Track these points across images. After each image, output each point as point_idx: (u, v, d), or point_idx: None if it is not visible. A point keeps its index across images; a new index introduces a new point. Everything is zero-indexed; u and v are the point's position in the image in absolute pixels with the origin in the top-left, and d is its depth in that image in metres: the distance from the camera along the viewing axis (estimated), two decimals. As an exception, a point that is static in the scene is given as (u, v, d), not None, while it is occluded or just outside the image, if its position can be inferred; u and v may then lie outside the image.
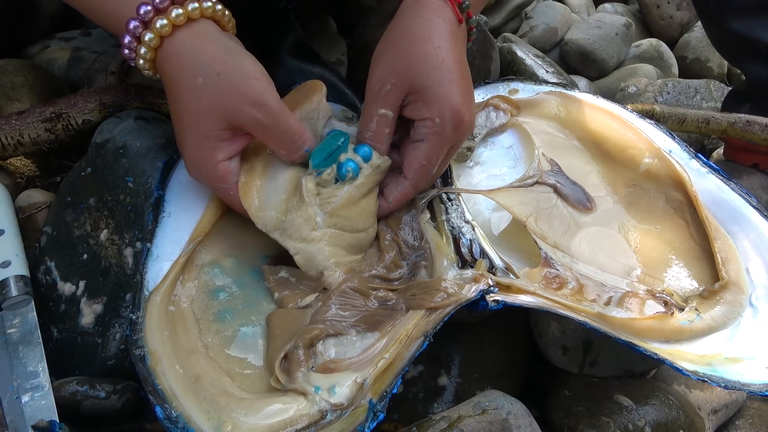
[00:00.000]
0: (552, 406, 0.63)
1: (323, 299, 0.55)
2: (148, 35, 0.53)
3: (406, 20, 0.58)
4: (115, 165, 0.64)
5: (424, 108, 0.56)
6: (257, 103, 0.52)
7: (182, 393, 0.49)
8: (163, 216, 0.59)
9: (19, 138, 0.67)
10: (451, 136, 0.56)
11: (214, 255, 0.59)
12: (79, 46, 0.93)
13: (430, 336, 0.52)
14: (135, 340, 0.52)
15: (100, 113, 0.69)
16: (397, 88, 0.56)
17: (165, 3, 0.52)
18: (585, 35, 1.31)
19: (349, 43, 1.07)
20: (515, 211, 0.61)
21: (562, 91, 0.72)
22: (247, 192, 0.55)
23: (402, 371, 0.50)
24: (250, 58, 0.54)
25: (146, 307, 0.53)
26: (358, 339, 0.53)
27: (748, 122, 0.85)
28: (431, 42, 0.56)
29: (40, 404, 0.53)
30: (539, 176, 0.64)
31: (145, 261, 0.56)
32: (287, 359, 0.51)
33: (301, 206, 0.55)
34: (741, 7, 0.92)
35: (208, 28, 0.54)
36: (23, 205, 0.69)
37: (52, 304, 0.62)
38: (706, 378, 0.52)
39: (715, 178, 0.66)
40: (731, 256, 0.60)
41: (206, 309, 0.56)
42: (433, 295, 0.54)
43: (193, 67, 0.53)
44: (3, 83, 0.77)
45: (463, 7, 0.59)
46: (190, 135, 0.55)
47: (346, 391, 0.49)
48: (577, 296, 0.56)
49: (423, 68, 0.55)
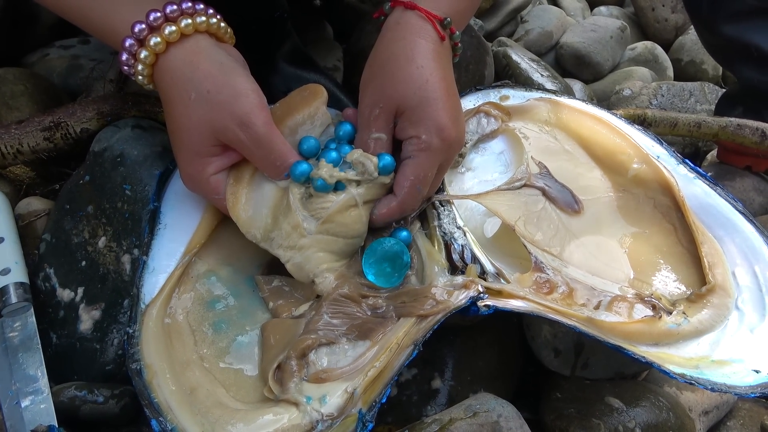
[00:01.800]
0: (544, 408, 0.64)
1: (316, 308, 0.56)
2: (143, 52, 0.54)
3: (389, 44, 0.59)
4: (113, 173, 0.65)
5: (410, 127, 0.57)
6: (243, 123, 0.53)
7: (177, 406, 0.50)
8: (158, 228, 0.59)
9: (19, 147, 0.69)
10: (438, 152, 0.57)
11: (209, 265, 0.59)
12: (77, 54, 0.94)
13: (420, 344, 0.52)
14: (131, 353, 0.53)
15: (98, 122, 0.70)
16: (385, 111, 0.57)
17: (159, 20, 0.53)
18: (580, 39, 1.32)
19: (345, 48, 1.08)
20: (504, 215, 0.62)
21: (552, 97, 0.73)
22: (235, 204, 0.56)
23: (391, 380, 0.51)
24: (242, 75, 0.55)
25: (142, 321, 0.54)
26: (349, 348, 0.53)
27: (739, 126, 0.86)
28: (414, 62, 0.57)
29: (39, 409, 0.55)
30: (527, 179, 0.65)
31: (141, 274, 0.57)
32: (280, 369, 0.52)
33: (288, 214, 0.56)
34: (733, 11, 0.93)
35: (203, 43, 0.55)
36: (23, 213, 0.70)
37: (51, 311, 0.64)
38: (693, 381, 0.52)
39: (702, 183, 0.66)
40: (718, 261, 0.61)
41: (202, 320, 0.57)
42: (423, 303, 0.54)
43: (186, 84, 0.53)
44: (3, 92, 0.79)
45: (444, 24, 0.59)
46: (182, 149, 0.56)
47: (337, 401, 0.50)
48: (567, 300, 0.57)
49: (408, 89, 0.56)
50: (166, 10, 0.53)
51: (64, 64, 0.92)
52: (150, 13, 0.53)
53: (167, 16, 0.53)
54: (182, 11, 0.54)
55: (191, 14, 0.54)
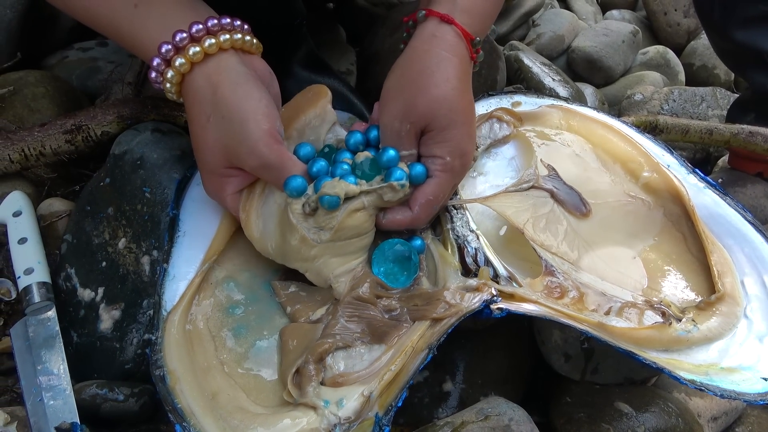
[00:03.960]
0: (554, 412, 0.65)
1: (333, 312, 0.57)
2: (169, 72, 0.55)
3: (423, 56, 0.59)
4: (133, 176, 0.66)
5: (435, 146, 0.58)
6: (252, 151, 0.54)
7: (200, 411, 0.51)
8: (178, 236, 0.61)
9: (41, 149, 0.70)
10: (458, 174, 0.59)
11: (228, 271, 0.61)
12: (95, 56, 0.96)
13: (434, 348, 0.53)
14: (155, 360, 0.54)
15: (118, 125, 0.71)
16: (415, 127, 0.58)
17: (185, 41, 0.54)
18: (592, 42, 1.32)
19: (359, 52, 1.09)
20: (512, 217, 0.62)
21: (564, 104, 0.74)
22: (248, 222, 0.58)
23: (407, 384, 0.52)
24: (254, 96, 0.55)
25: (164, 328, 0.55)
26: (365, 351, 0.55)
27: (751, 133, 0.86)
28: (450, 83, 0.57)
29: (61, 406, 0.56)
30: (536, 180, 0.65)
31: (162, 282, 0.58)
32: (299, 373, 0.53)
33: (292, 229, 0.56)
34: (745, 17, 0.93)
35: (225, 63, 0.55)
36: (44, 214, 0.72)
37: (72, 310, 0.65)
38: (703, 387, 0.53)
39: (712, 192, 0.67)
40: (727, 269, 0.61)
41: (221, 325, 0.58)
42: (436, 306, 0.55)
43: (205, 105, 0.55)
44: (24, 94, 0.80)
45: (474, 43, 0.60)
46: (202, 168, 0.58)
47: (354, 405, 0.51)
48: (578, 305, 0.58)
49: (441, 109, 0.57)
50: (192, 29, 0.54)
51: (82, 66, 0.94)
52: (176, 34, 0.54)
53: (192, 36, 0.54)
54: (207, 30, 0.55)
55: (216, 32, 0.55)
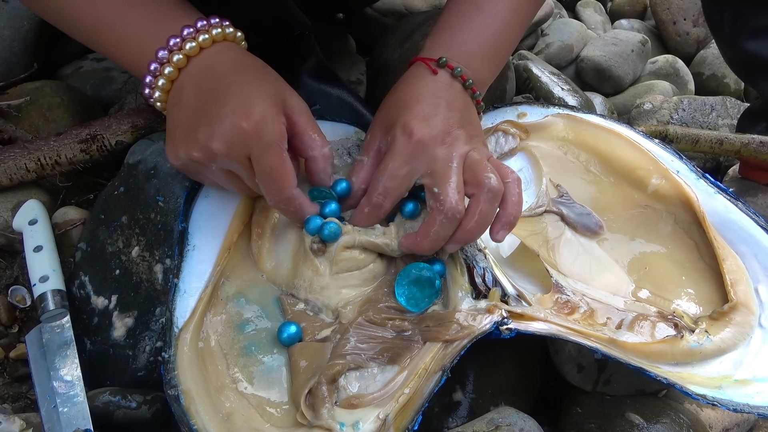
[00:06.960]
0: (564, 422, 0.65)
1: (341, 331, 0.56)
2: (168, 69, 0.57)
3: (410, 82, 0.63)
4: (147, 185, 0.67)
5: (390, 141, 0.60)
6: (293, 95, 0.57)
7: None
8: (187, 249, 0.60)
9: (57, 158, 0.71)
10: (405, 147, 0.57)
11: (238, 286, 0.60)
12: (109, 67, 0.97)
13: (448, 370, 0.53)
14: (168, 379, 0.53)
15: (132, 135, 0.72)
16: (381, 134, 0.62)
17: (157, 71, 0.57)
18: (601, 52, 1.32)
19: (368, 62, 1.10)
20: (526, 241, 0.63)
21: (570, 113, 0.73)
22: (260, 257, 0.59)
23: (422, 407, 0.51)
24: (226, 105, 0.55)
25: (177, 345, 0.54)
26: (378, 372, 0.54)
27: (762, 143, 0.86)
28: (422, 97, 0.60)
29: (75, 413, 0.56)
30: (547, 205, 0.66)
31: (174, 297, 0.57)
32: (311, 395, 0.52)
33: (307, 259, 0.57)
34: (756, 27, 0.93)
35: (222, 45, 0.58)
36: (59, 222, 0.72)
37: (86, 317, 0.66)
38: (715, 402, 0.53)
39: (723, 198, 0.66)
40: (740, 277, 0.61)
41: (233, 343, 0.57)
42: (448, 328, 0.55)
43: (233, 67, 0.57)
44: (41, 104, 0.82)
45: (455, 74, 0.61)
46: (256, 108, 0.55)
47: (370, 427, 0.50)
48: (588, 320, 0.58)
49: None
50: (183, 32, 0.56)
51: (96, 76, 0.95)
52: (151, 64, 0.57)
53: (184, 38, 0.56)
54: (197, 30, 0.57)
55: (207, 29, 0.57)
